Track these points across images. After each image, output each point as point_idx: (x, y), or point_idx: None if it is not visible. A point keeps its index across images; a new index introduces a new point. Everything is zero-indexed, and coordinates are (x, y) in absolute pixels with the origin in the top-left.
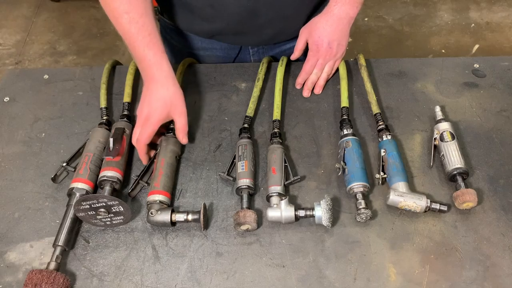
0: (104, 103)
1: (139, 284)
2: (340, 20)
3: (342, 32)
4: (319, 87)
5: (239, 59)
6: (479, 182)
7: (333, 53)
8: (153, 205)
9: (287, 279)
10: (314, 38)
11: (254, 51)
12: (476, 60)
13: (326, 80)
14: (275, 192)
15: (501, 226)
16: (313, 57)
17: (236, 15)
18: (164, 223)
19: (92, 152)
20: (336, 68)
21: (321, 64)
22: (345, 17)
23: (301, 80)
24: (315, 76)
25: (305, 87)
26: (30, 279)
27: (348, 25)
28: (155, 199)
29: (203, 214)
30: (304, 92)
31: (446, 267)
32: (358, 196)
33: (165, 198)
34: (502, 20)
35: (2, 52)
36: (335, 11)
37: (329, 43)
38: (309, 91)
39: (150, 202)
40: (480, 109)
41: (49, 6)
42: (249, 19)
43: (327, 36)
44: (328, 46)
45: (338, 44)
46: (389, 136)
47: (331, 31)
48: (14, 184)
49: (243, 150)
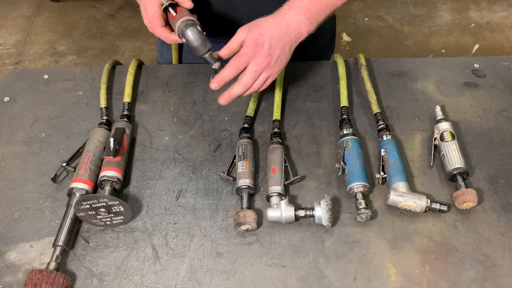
0: (104, 103)
1: (139, 284)
2: (289, 29)
3: (287, 45)
4: (231, 98)
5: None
6: (479, 182)
7: (271, 63)
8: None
9: (287, 279)
10: (255, 34)
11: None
12: (476, 60)
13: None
14: (275, 192)
15: (501, 226)
16: (246, 54)
17: (212, 7)
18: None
19: (92, 152)
20: (266, 86)
21: (256, 72)
22: (295, 29)
23: (222, 80)
24: (243, 88)
25: (227, 95)
26: (30, 279)
27: (295, 41)
28: None
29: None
30: (222, 99)
31: (446, 267)
32: (358, 196)
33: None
34: (502, 20)
35: (2, 52)
36: (287, 16)
37: (271, 48)
38: (227, 101)
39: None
40: (480, 109)
41: (49, 6)
42: (225, 12)
43: (271, 39)
44: (268, 51)
45: (279, 56)
46: (389, 135)
47: (278, 36)
48: (14, 184)
49: (243, 150)
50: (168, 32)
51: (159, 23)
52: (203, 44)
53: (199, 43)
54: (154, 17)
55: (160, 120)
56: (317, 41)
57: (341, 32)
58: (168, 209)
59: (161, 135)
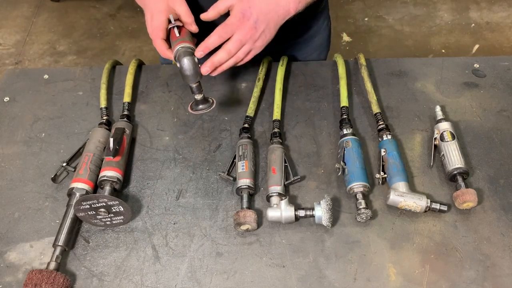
0: (104, 103)
1: (139, 284)
2: (278, 6)
3: (274, 22)
4: (220, 70)
5: None
6: (479, 182)
7: (255, 36)
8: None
9: (287, 279)
10: (243, 5)
11: None
12: (476, 60)
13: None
14: (275, 192)
15: (501, 226)
16: (231, 24)
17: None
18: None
19: (92, 152)
20: (245, 61)
21: (240, 41)
22: (284, 6)
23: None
24: (227, 55)
25: (210, 62)
26: (30, 279)
27: (282, 18)
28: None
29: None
30: (204, 67)
31: (446, 267)
32: (358, 196)
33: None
34: (502, 20)
35: (2, 52)
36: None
37: (257, 21)
38: (211, 69)
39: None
40: (480, 109)
41: (49, 6)
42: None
43: (258, 13)
44: (254, 24)
45: (263, 31)
46: (389, 135)
47: (265, 11)
48: (14, 184)
49: (243, 150)
50: (166, 47)
51: (161, 36)
52: (194, 75)
53: (191, 73)
54: (158, 28)
55: (160, 120)
56: (314, 40)
57: (341, 32)
58: (168, 209)
59: (161, 135)
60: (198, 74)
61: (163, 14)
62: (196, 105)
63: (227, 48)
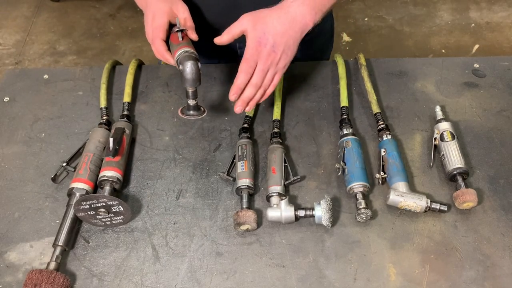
0: (104, 103)
1: (139, 284)
2: (293, 22)
3: (292, 39)
4: (253, 104)
5: (227, 55)
6: (479, 182)
7: (275, 60)
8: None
9: (287, 279)
10: (258, 32)
11: (241, 52)
12: (476, 60)
13: (262, 97)
14: (275, 192)
15: (501, 226)
16: (251, 56)
17: (216, 7)
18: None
19: (92, 152)
20: (275, 85)
21: (262, 71)
22: (300, 20)
23: (238, 88)
24: (254, 89)
25: (241, 101)
26: (30, 279)
27: (300, 33)
28: None
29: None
30: (237, 107)
31: (446, 267)
32: (358, 196)
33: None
34: (502, 20)
35: (2, 52)
36: (291, 9)
37: (274, 45)
38: (243, 107)
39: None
40: (480, 109)
41: (49, 6)
42: (229, 12)
43: (274, 36)
44: (272, 49)
45: (283, 51)
46: (389, 135)
47: (281, 32)
48: (14, 184)
49: (243, 150)
50: (165, 48)
51: (161, 36)
52: (196, 80)
53: (193, 78)
54: (159, 28)
55: (160, 120)
56: (316, 40)
57: (341, 32)
58: (168, 209)
59: (161, 135)
60: (198, 80)
61: (165, 16)
62: (188, 110)
63: (252, 83)
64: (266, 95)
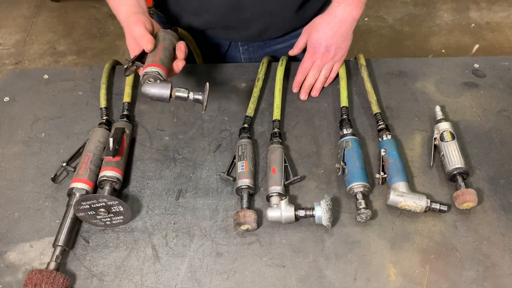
0: (104, 103)
1: (139, 284)
2: (342, 23)
3: (343, 36)
4: (316, 90)
5: (229, 56)
6: (479, 182)
7: (330, 56)
8: (150, 74)
9: (287, 279)
10: (312, 40)
11: (244, 49)
12: (476, 60)
13: (324, 83)
14: (275, 192)
15: (501, 226)
16: (309, 59)
17: (220, 8)
18: (162, 96)
19: (92, 152)
20: (336, 71)
21: (318, 66)
22: (347, 19)
23: (297, 83)
24: (312, 78)
25: (302, 89)
26: (30, 279)
27: (350, 28)
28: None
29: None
30: (301, 94)
31: (446, 267)
32: (358, 196)
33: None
34: (502, 20)
35: (2, 52)
36: (337, 12)
37: (327, 46)
38: (306, 94)
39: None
40: (480, 109)
41: (49, 6)
42: (234, 13)
43: (326, 40)
44: (325, 50)
45: (336, 48)
46: (389, 136)
47: (331, 35)
48: (14, 184)
49: (243, 150)
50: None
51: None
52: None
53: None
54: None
55: (160, 120)
56: None
57: None
58: (168, 209)
59: (161, 135)
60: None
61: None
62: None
63: (311, 75)
64: (330, 79)
